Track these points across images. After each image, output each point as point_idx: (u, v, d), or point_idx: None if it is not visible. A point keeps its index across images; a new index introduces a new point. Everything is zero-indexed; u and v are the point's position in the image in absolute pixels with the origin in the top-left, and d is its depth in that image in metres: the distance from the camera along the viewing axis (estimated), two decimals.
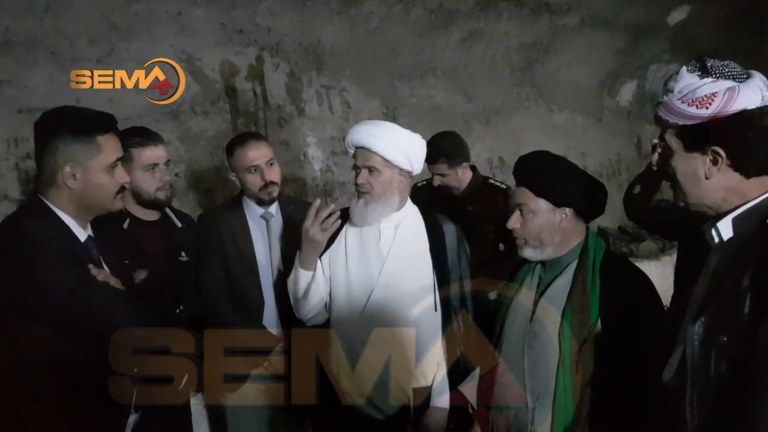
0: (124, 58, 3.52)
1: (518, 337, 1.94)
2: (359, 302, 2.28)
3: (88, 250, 1.84)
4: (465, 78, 5.30)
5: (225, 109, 3.95)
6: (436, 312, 2.30)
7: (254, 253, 2.63)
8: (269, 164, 2.63)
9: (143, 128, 2.46)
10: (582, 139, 6.28)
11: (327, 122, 4.43)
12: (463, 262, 2.38)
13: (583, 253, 1.95)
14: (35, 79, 3.23)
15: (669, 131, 1.43)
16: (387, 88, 4.79)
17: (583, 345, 1.81)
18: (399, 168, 2.28)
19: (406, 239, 2.33)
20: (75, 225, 1.82)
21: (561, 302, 1.89)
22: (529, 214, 1.95)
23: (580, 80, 6.14)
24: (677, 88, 1.40)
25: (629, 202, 2.79)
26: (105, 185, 1.82)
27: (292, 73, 4.23)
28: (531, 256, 1.99)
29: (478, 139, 5.39)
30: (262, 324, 2.59)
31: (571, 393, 1.81)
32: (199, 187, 3.80)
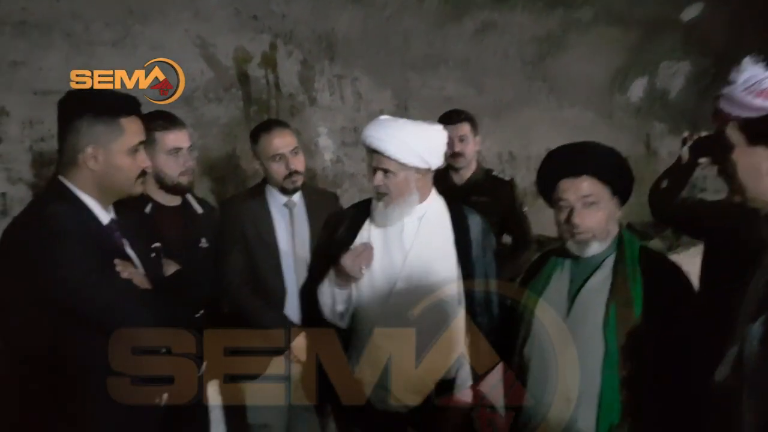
0: (138, 41, 3.46)
1: (554, 334, 1.89)
2: (383, 295, 2.24)
3: (111, 233, 1.80)
4: (477, 70, 5.26)
5: (238, 96, 3.89)
6: (460, 305, 2.26)
7: (277, 241, 2.59)
8: (294, 153, 2.59)
9: (167, 112, 2.40)
10: (591, 135, 6.11)
11: (338, 112, 4.37)
12: (488, 256, 2.34)
13: (621, 247, 1.90)
14: (51, 60, 3.16)
15: (730, 125, 1.38)
16: (399, 78, 4.74)
17: (627, 340, 1.77)
18: (415, 168, 2.23)
19: (430, 231, 2.29)
20: (97, 207, 1.78)
21: (601, 298, 1.84)
22: (595, 204, 1.86)
23: (591, 75, 6.10)
24: (741, 79, 1.36)
25: (656, 198, 2.74)
26: (126, 168, 1.78)
27: (305, 61, 4.18)
28: (595, 251, 1.89)
29: (488, 133, 5.33)
30: (283, 313, 2.55)
31: (618, 390, 1.77)
32: (212, 174, 3.74)
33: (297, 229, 2.62)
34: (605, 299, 1.83)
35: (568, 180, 1.89)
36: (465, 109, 5.08)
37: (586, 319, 1.84)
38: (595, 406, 1.78)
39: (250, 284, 2.55)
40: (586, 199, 1.86)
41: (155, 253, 1.93)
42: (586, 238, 1.88)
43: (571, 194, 1.87)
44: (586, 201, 1.86)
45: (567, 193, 1.88)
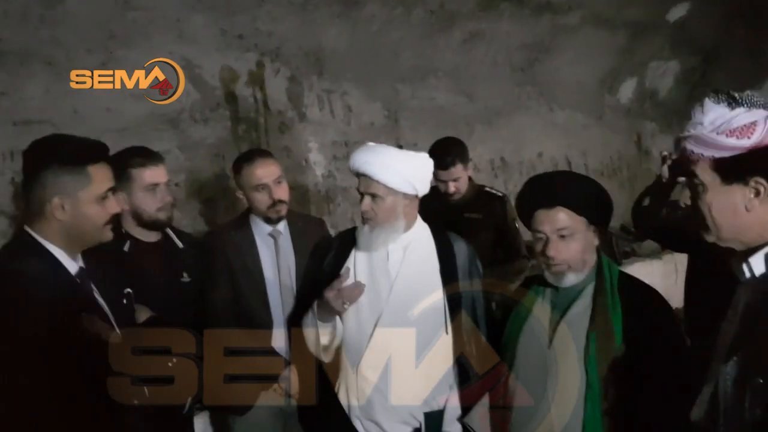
0: (122, 65, 3.43)
1: (537, 365, 1.89)
2: (368, 325, 2.22)
3: (81, 283, 1.77)
4: (466, 79, 5.25)
5: (225, 116, 3.88)
6: (447, 335, 2.25)
7: (262, 271, 2.58)
8: (277, 182, 2.58)
9: (143, 148, 2.40)
10: (583, 138, 6.25)
11: (328, 127, 4.37)
12: (475, 282, 2.32)
13: (600, 275, 1.90)
14: (31, 90, 3.16)
15: (700, 166, 1.37)
16: (389, 90, 4.73)
17: (609, 371, 1.76)
18: (403, 193, 2.22)
19: (415, 260, 2.27)
20: (65, 257, 1.75)
21: (582, 328, 1.84)
22: (570, 236, 1.86)
23: (580, 79, 6.10)
24: (706, 120, 1.34)
25: (638, 215, 2.75)
26: (95, 216, 1.75)
27: (292, 78, 4.17)
28: (571, 282, 1.89)
29: (480, 141, 5.35)
30: (270, 346, 2.54)
31: (600, 421, 1.77)
32: (200, 197, 3.74)
33: (282, 258, 2.61)
34: (585, 329, 1.83)
35: (543, 211, 1.89)
36: (456, 117, 5.14)
37: (567, 349, 1.84)
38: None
39: (236, 317, 2.54)
40: (560, 231, 1.86)
41: (127, 300, 1.91)
42: (561, 269, 1.89)
43: (545, 226, 1.88)
44: (560, 233, 1.86)
45: (542, 225, 1.88)
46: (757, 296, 1.34)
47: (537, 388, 1.88)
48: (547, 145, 5.95)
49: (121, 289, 1.93)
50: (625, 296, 1.86)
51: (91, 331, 1.68)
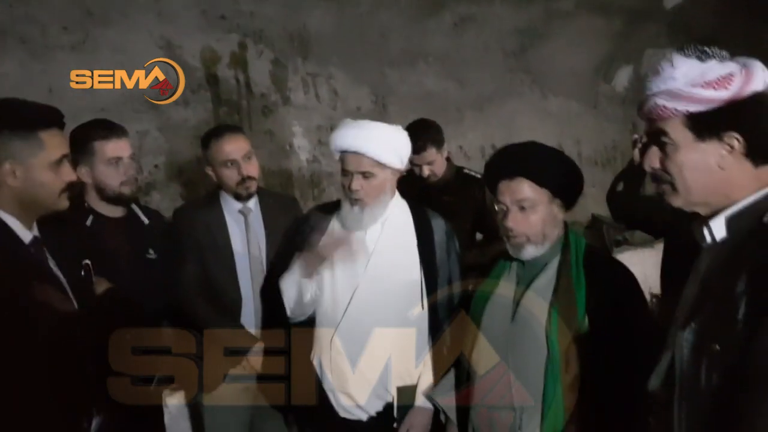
0: (99, 44, 3.41)
1: (500, 339, 1.85)
2: (344, 298, 2.21)
3: (34, 252, 1.73)
4: (457, 64, 5.18)
5: (206, 98, 3.83)
6: (423, 310, 2.22)
7: (232, 249, 2.53)
8: (247, 158, 2.52)
9: (106, 121, 2.35)
10: (576, 126, 6.17)
11: (313, 111, 4.31)
12: (452, 259, 2.30)
13: (566, 248, 1.86)
14: (6, 67, 3.12)
15: (670, 124, 1.30)
16: (376, 75, 4.66)
17: (571, 344, 1.72)
18: (392, 168, 2.19)
19: (393, 235, 2.26)
20: (18, 225, 1.71)
21: (545, 301, 1.80)
22: (531, 208, 1.82)
23: (574, 66, 6.02)
24: (679, 73, 1.28)
25: (613, 200, 2.70)
26: (48, 183, 1.71)
27: (276, 61, 4.11)
28: (531, 255, 1.86)
29: (470, 127, 5.29)
30: (239, 322, 2.50)
31: (561, 393, 1.72)
32: (180, 179, 3.69)
33: (252, 235, 2.56)
34: (548, 303, 1.78)
35: (505, 182, 1.85)
36: (446, 103, 5.08)
37: (530, 323, 1.80)
38: (540, 413, 1.74)
39: (206, 294, 2.50)
40: (520, 202, 1.82)
41: (85, 271, 1.86)
42: (520, 241, 1.85)
43: (506, 196, 1.84)
44: (520, 204, 1.82)
45: (503, 196, 1.85)
46: (716, 262, 1.29)
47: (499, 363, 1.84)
48: (540, 133, 5.86)
49: (80, 261, 1.88)
50: (591, 270, 1.81)
51: (43, 300, 1.65)
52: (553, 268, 1.84)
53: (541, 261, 1.87)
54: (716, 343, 1.20)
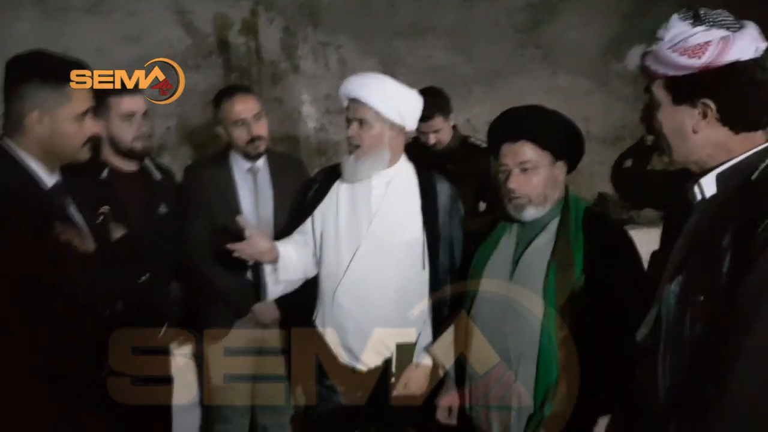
0: (114, 7, 3.46)
1: (499, 296, 1.91)
2: (346, 258, 2.27)
3: (56, 197, 1.80)
4: (466, 38, 5.18)
5: (218, 64, 3.87)
6: (424, 270, 2.28)
7: (240, 207, 2.59)
8: (256, 118, 2.58)
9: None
10: (586, 104, 6.15)
11: (322, 80, 4.34)
12: (455, 222, 2.35)
13: (566, 209, 1.91)
14: (22, 26, 3.17)
15: (656, 83, 1.36)
16: (385, 46, 4.68)
17: (567, 302, 1.78)
18: (390, 122, 2.24)
19: (397, 196, 2.31)
20: (42, 170, 1.78)
21: (543, 260, 1.86)
22: (533, 170, 1.88)
23: (586, 43, 6.00)
24: (667, 36, 1.32)
25: (619, 177, 2.73)
26: (73, 134, 1.78)
27: (287, 29, 4.14)
28: (532, 216, 1.91)
29: (478, 102, 5.30)
30: (246, 279, 2.57)
31: (555, 349, 1.79)
32: (190, 142, 3.75)
33: (261, 194, 2.63)
34: (546, 261, 1.84)
35: (507, 144, 1.91)
36: (454, 76, 5.09)
37: (528, 280, 1.86)
38: (534, 366, 1.81)
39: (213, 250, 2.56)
40: (522, 164, 1.88)
41: (103, 218, 1.93)
42: (521, 202, 1.90)
43: (509, 159, 1.90)
44: (522, 166, 1.88)
45: (506, 158, 1.91)
46: (704, 217, 1.34)
47: (496, 320, 1.91)
48: None
49: (97, 208, 1.96)
50: (589, 231, 1.87)
51: (63, 239, 1.72)
52: (552, 228, 1.90)
53: (541, 222, 1.92)
54: (701, 295, 1.26)
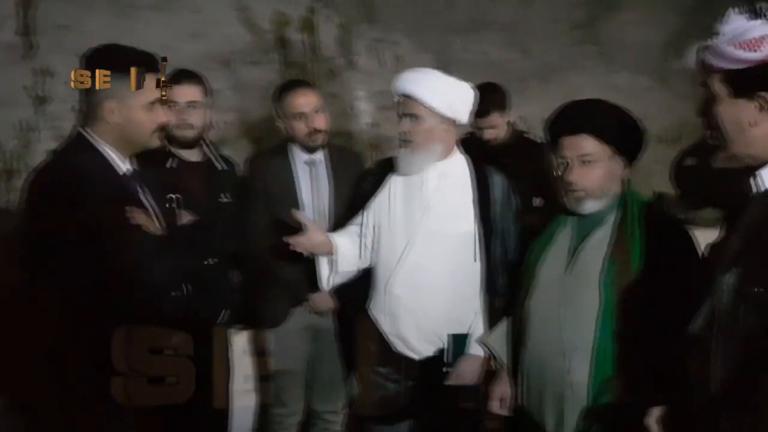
0: (180, 5, 3.59)
1: (554, 289, 1.92)
2: (400, 246, 2.32)
3: (129, 183, 1.90)
4: (522, 34, 5.16)
5: (276, 60, 3.97)
6: (476, 262, 2.31)
7: (299, 198, 2.67)
8: (316, 111, 2.65)
9: (183, 69, 2.53)
10: (643, 101, 6.01)
11: (377, 76, 4.39)
12: (509, 215, 2.38)
13: (624, 204, 1.91)
14: (94, 24, 3.32)
15: (714, 77, 1.36)
16: (440, 42, 4.70)
17: (624, 295, 1.78)
18: (441, 116, 2.27)
19: (451, 188, 2.34)
20: (116, 158, 1.88)
21: (600, 254, 1.86)
22: (593, 163, 1.88)
23: (644, 39, 5.89)
24: (725, 30, 1.33)
25: (679, 174, 2.70)
26: (144, 122, 1.87)
27: (343, 25, 4.21)
28: (590, 209, 1.92)
29: (533, 98, 5.26)
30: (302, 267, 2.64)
31: (611, 342, 1.80)
32: (249, 136, 3.86)
33: (319, 186, 2.70)
34: (604, 255, 1.84)
35: (568, 137, 1.90)
36: (508, 73, 5.07)
37: (585, 274, 1.86)
38: (590, 359, 1.82)
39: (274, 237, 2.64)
40: (582, 157, 1.88)
41: (171, 204, 2.03)
42: (580, 195, 1.91)
43: (568, 152, 1.90)
44: (582, 159, 1.88)
45: (565, 150, 1.91)
46: (762, 209, 1.34)
47: (551, 312, 1.91)
48: None
49: (167, 195, 2.06)
50: (648, 226, 1.86)
51: (137, 223, 1.82)
52: (610, 222, 1.90)
53: (599, 215, 1.92)
54: (757, 286, 1.26)
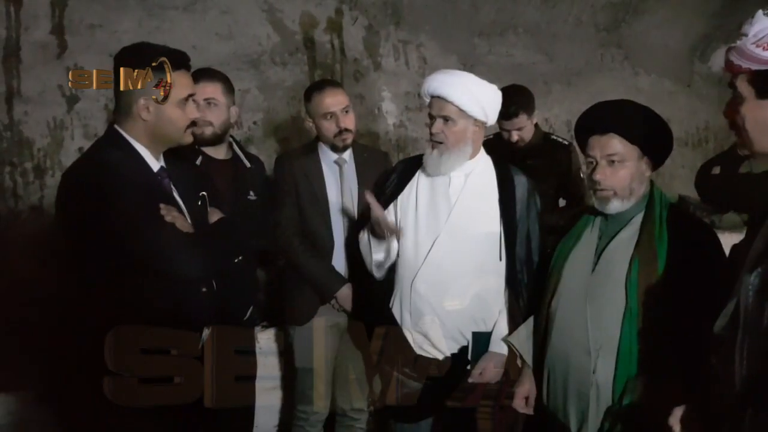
0: (209, 6, 3.65)
1: (579, 289, 1.94)
2: (425, 247, 2.33)
3: (161, 180, 1.93)
4: (547, 37, 5.17)
5: (303, 61, 4.02)
6: (501, 261, 2.33)
7: (327, 196, 2.71)
8: (345, 111, 2.68)
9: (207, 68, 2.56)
10: (668, 105, 6.00)
11: (403, 77, 4.43)
12: (532, 215, 2.39)
13: (650, 205, 1.93)
14: (125, 24, 3.39)
15: (740, 77, 1.38)
16: (465, 44, 4.72)
17: (649, 296, 1.79)
18: (474, 118, 2.29)
19: (476, 188, 2.36)
20: (149, 155, 1.91)
21: (626, 254, 1.87)
22: (620, 163, 1.90)
23: (669, 43, 5.87)
24: (752, 32, 1.35)
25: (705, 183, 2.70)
26: (176, 119, 1.89)
27: (370, 27, 4.25)
28: (616, 209, 1.93)
29: (557, 101, 5.28)
30: (331, 264, 2.69)
31: (636, 342, 1.81)
32: (276, 136, 3.91)
33: (346, 185, 2.73)
34: (630, 255, 1.86)
35: (596, 137, 1.92)
36: (533, 75, 5.08)
37: (611, 274, 1.88)
38: (614, 358, 1.83)
39: (301, 236, 2.70)
40: (610, 157, 1.89)
41: (201, 201, 2.06)
42: (606, 195, 1.92)
43: (597, 151, 1.91)
44: (610, 159, 1.89)
45: (594, 150, 1.92)
46: None
47: (577, 312, 1.93)
48: None
49: (197, 193, 2.08)
50: (674, 227, 1.87)
51: (169, 221, 1.85)
52: (636, 222, 1.92)
53: (626, 216, 1.94)
54: None
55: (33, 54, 3.37)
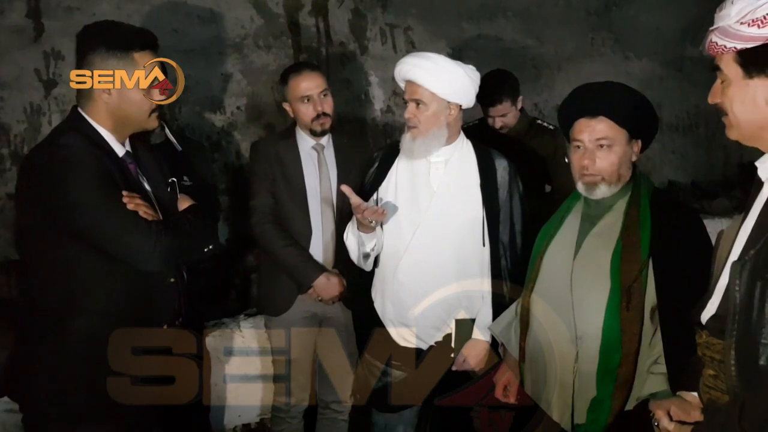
0: None
1: (562, 275, 1.90)
2: (407, 234, 2.30)
3: (126, 165, 1.85)
4: (537, 21, 5.11)
5: (288, 44, 3.93)
6: (484, 247, 2.29)
7: (304, 183, 2.64)
8: (323, 95, 2.61)
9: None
10: (658, 90, 5.97)
11: (390, 62, 4.34)
12: (515, 199, 2.36)
13: (635, 190, 1.87)
14: (103, 7, 3.31)
15: (725, 59, 1.33)
16: (454, 28, 4.66)
17: (634, 282, 1.76)
18: (447, 101, 2.24)
19: (456, 173, 2.33)
20: (113, 139, 1.82)
21: (610, 239, 1.84)
22: (609, 147, 1.84)
23: (661, 26, 5.82)
24: (734, 11, 1.30)
25: None
26: (139, 102, 1.80)
27: (356, 10, 4.17)
28: (603, 194, 1.88)
29: (547, 86, 5.23)
30: (308, 252, 2.63)
31: (619, 330, 1.77)
32: (260, 121, 3.84)
33: (325, 171, 2.66)
34: (614, 241, 1.81)
35: (584, 120, 1.87)
36: (523, 60, 5.02)
37: (593, 260, 1.84)
38: (597, 347, 1.80)
39: (276, 224, 2.62)
40: (599, 141, 1.84)
41: (171, 188, 1.98)
42: (594, 180, 1.87)
43: (585, 135, 1.86)
44: (599, 143, 1.84)
45: (581, 134, 1.87)
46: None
47: (559, 299, 1.89)
48: None
49: (166, 179, 2.00)
50: (657, 211, 1.83)
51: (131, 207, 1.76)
52: (619, 208, 1.87)
53: (609, 201, 1.90)
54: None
55: (9, 38, 3.29)
